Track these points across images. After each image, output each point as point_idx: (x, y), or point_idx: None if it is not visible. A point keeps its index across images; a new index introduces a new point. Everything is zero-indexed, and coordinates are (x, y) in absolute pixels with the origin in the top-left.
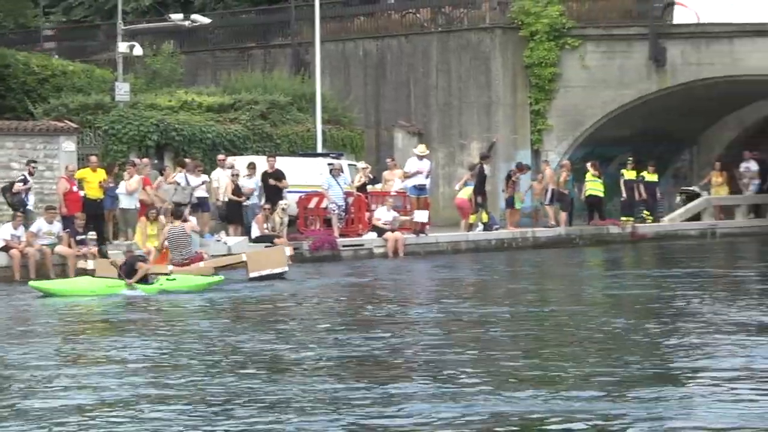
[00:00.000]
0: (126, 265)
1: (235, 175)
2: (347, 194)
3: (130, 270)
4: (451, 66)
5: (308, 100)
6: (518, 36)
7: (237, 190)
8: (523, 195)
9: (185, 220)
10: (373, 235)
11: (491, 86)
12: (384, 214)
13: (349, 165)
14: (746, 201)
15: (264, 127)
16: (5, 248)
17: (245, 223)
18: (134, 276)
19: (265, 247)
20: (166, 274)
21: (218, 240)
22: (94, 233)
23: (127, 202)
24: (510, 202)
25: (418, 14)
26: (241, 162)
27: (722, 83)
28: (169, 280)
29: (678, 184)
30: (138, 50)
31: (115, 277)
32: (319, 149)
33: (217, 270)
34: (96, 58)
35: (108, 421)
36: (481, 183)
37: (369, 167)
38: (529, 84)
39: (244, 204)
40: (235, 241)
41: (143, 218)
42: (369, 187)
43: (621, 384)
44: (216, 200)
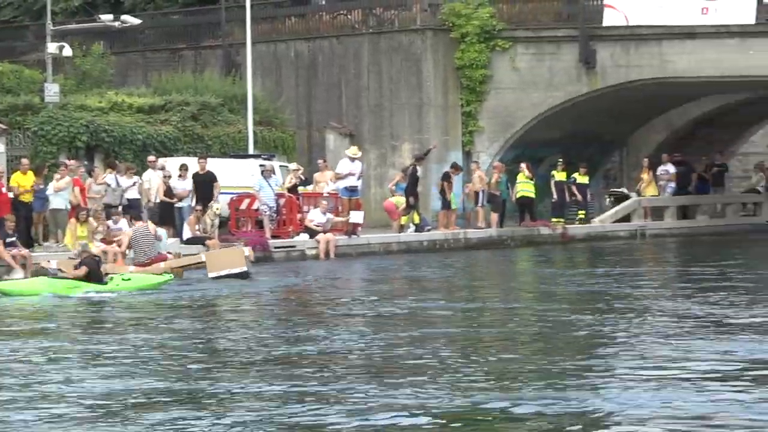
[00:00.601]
0: (83, 265)
1: (167, 177)
2: (279, 196)
3: (94, 270)
4: (383, 67)
5: (239, 102)
6: (449, 38)
7: (169, 192)
8: (454, 197)
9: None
10: (305, 237)
11: (422, 88)
12: (317, 216)
13: (281, 166)
14: (675, 203)
15: (195, 129)
16: None
17: (177, 225)
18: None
19: (214, 249)
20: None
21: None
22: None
23: (57, 203)
24: (447, 204)
25: (349, 16)
26: (172, 163)
27: (651, 85)
28: (124, 280)
29: (608, 186)
30: (67, 51)
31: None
32: (251, 150)
33: (175, 270)
34: (25, 59)
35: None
36: (413, 184)
37: (301, 169)
38: (460, 86)
39: (178, 206)
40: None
41: (73, 219)
42: (300, 189)
43: (560, 375)
44: (148, 201)
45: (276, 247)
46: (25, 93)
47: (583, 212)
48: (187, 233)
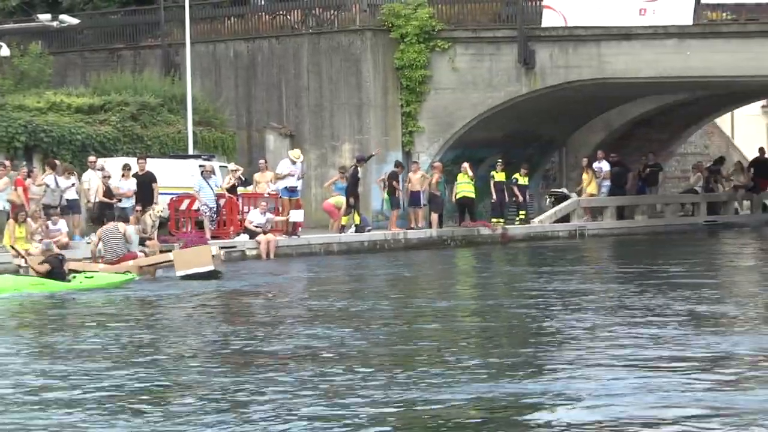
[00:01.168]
0: (48, 264)
1: (107, 177)
2: (219, 196)
3: (57, 269)
4: (323, 68)
5: (179, 102)
6: (389, 38)
7: (108, 192)
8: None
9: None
10: (245, 237)
11: (362, 88)
12: (257, 217)
13: (221, 167)
14: (614, 203)
15: (134, 129)
16: None
17: None
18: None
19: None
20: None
21: (88, 242)
22: None
23: None
24: (397, 203)
25: (289, 16)
26: (112, 164)
27: (589, 86)
28: (87, 278)
29: (547, 186)
30: (5, 51)
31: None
32: (191, 151)
33: (146, 269)
34: None
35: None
36: (354, 185)
37: (240, 169)
38: (400, 86)
39: (122, 206)
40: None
41: (11, 220)
42: (240, 189)
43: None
44: (87, 202)
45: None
46: None
47: (524, 213)
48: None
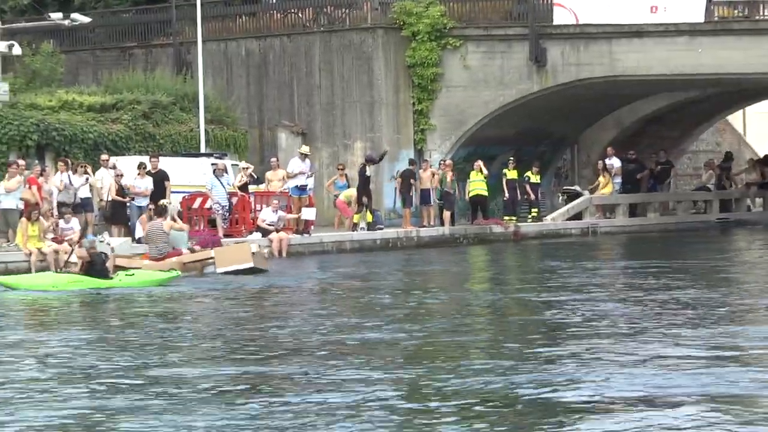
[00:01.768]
0: (90, 258)
1: (119, 176)
2: (231, 195)
3: (99, 265)
4: (334, 66)
5: (191, 100)
6: (400, 36)
7: (121, 191)
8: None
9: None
10: (258, 236)
11: (374, 86)
12: (269, 215)
13: (233, 165)
14: (626, 201)
15: (146, 127)
16: None
17: (129, 224)
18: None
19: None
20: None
21: (101, 241)
22: None
23: (8, 203)
24: (410, 201)
25: (300, 14)
26: (124, 162)
27: (601, 84)
28: (128, 276)
29: (559, 184)
30: (17, 49)
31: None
32: (203, 149)
33: (187, 265)
34: None
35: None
36: (363, 184)
37: (251, 167)
38: (412, 84)
39: (138, 205)
40: (119, 242)
41: (24, 219)
42: (252, 188)
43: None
44: (100, 200)
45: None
46: None
47: (536, 210)
48: (140, 232)
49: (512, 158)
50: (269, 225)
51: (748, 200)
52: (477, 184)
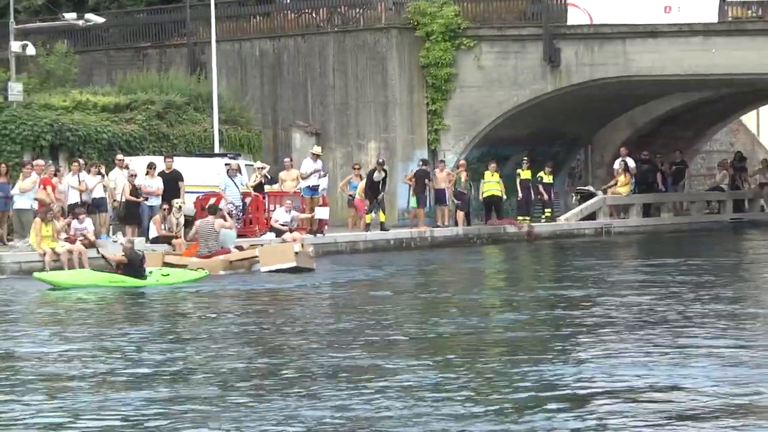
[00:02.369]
0: (127, 258)
1: (133, 176)
2: (245, 195)
3: (136, 264)
4: (348, 66)
5: (205, 100)
6: (414, 36)
7: (135, 191)
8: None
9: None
10: (272, 236)
11: (388, 86)
12: (282, 215)
13: (247, 165)
14: (640, 201)
15: (160, 128)
16: None
17: (142, 224)
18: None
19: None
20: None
21: (114, 241)
22: None
23: (23, 203)
24: (424, 201)
25: (314, 14)
26: (137, 162)
27: (615, 84)
28: (163, 275)
29: (573, 184)
30: (31, 50)
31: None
32: (217, 149)
33: (234, 263)
34: None
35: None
36: (371, 187)
37: (266, 167)
38: (426, 84)
39: (149, 205)
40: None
41: (38, 219)
42: (267, 188)
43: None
44: (113, 201)
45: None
46: None
47: (549, 210)
48: (153, 232)
49: (526, 158)
50: (282, 225)
51: (762, 200)
52: (492, 185)
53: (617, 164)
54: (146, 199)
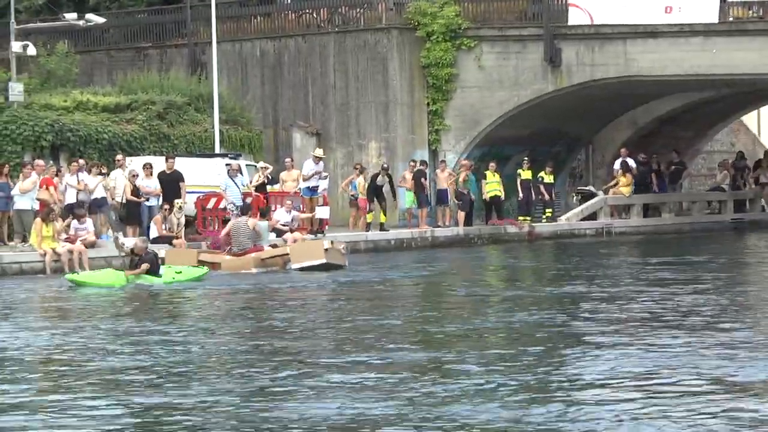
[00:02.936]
0: (143, 262)
1: (134, 176)
2: (245, 195)
3: (154, 264)
4: (349, 66)
5: (205, 101)
6: (415, 36)
7: (135, 191)
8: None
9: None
10: (273, 236)
11: (388, 86)
12: (283, 216)
13: (247, 165)
14: (641, 201)
15: (161, 128)
16: None
17: (143, 224)
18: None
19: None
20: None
21: (118, 241)
22: None
23: (23, 203)
24: (425, 201)
25: (315, 15)
26: (138, 163)
27: (615, 84)
28: (177, 273)
29: (573, 184)
30: (32, 50)
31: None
32: (217, 149)
33: (266, 261)
34: None
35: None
36: (373, 190)
37: (269, 167)
38: (426, 84)
39: (147, 205)
40: (133, 242)
41: (38, 219)
42: (268, 188)
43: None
44: (113, 200)
45: None
46: None
47: (550, 210)
48: (154, 232)
49: (527, 158)
50: (283, 225)
51: (763, 201)
52: (493, 186)
53: (617, 165)
54: (147, 200)
